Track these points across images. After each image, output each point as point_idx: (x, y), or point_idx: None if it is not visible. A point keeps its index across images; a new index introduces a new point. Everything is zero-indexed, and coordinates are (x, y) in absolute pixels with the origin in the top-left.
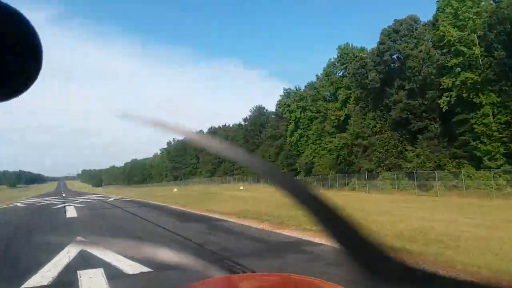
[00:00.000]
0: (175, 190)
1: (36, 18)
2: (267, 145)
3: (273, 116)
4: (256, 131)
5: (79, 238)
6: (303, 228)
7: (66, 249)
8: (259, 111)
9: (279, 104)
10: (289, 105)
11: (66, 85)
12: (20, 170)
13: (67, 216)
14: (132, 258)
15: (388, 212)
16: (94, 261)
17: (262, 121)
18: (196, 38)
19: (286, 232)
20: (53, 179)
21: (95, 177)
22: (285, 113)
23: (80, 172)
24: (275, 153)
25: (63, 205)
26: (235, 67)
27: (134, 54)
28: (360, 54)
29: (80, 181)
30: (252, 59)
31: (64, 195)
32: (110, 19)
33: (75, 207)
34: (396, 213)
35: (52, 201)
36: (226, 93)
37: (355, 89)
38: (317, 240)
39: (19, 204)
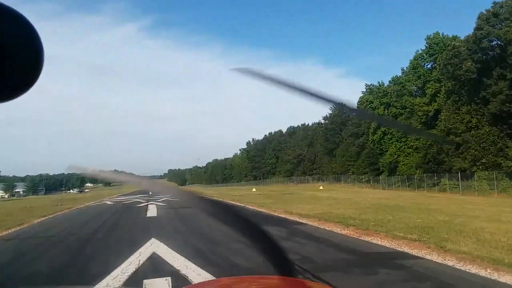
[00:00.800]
0: (254, 190)
1: (128, 29)
2: (347, 144)
3: (354, 113)
4: (336, 129)
5: (153, 240)
6: (393, 235)
7: (138, 252)
8: (340, 109)
9: (361, 101)
10: (371, 102)
11: (156, 91)
12: (114, 169)
13: (147, 215)
14: (202, 267)
15: (495, 218)
16: (163, 267)
17: (343, 119)
18: (276, 39)
19: (375, 240)
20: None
21: (180, 177)
22: (367, 110)
23: (166, 172)
24: (356, 152)
25: (146, 203)
26: (314, 66)
27: (216, 57)
28: (453, 43)
29: (167, 180)
30: (331, 57)
31: (150, 193)
32: (195, 25)
33: (157, 205)
34: (505, 219)
35: (137, 199)
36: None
37: (447, 81)
38: (414, 251)
39: (107, 202)
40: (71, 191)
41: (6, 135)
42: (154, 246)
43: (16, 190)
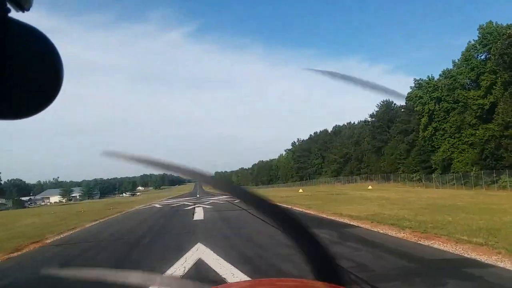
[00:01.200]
0: (300, 190)
1: (173, 35)
2: (396, 141)
3: (402, 110)
4: (384, 127)
5: (199, 245)
6: (456, 239)
7: (184, 257)
8: (387, 106)
9: (410, 97)
10: (421, 97)
11: (200, 95)
12: (163, 173)
13: (194, 218)
14: (250, 275)
15: None
16: (208, 275)
17: (390, 116)
18: (318, 37)
19: (436, 244)
20: (190, 181)
21: (226, 179)
22: (416, 106)
23: (213, 174)
24: (406, 150)
25: (194, 206)
26: (359, 64)
27: (259, 58)
28: (508, 32)
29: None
30: (377, 54)
31: (198, 195)
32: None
33: (204, 208)
34: None
35: (185, 202)
36: (350, 91)
37: (503, 72)
38: (483, 258)
39: (156, 205)
40: (124, 194)
41: (62, 143)
42: (200, 252)
43: (73, 195)
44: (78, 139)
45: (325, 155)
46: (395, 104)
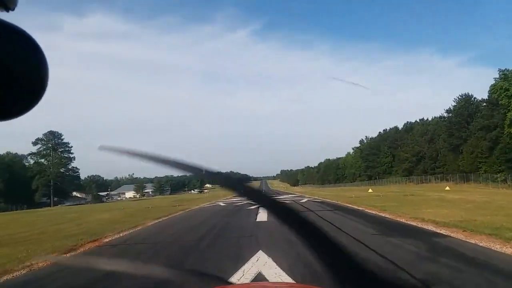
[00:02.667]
0: (370, 190)
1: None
2: (477, 138)
3: (484, 104)
4: (462, 123)
5: (260, 253)
6: None
7: (242, 270)
8: (466, 100)
9: (493, 89)
10: (507, 89)
11: (264, 93)
12: (230, 171)
13: (257, 219)
14: None
15: None
16: None
17: (470, 111)
18: (385, 31)
19: None
20: (256, 179)
21: (292, 177)
22: (501, 99)
23: (279, 172)
24: (488, 148)
25: (258, 205)
26: (430, 56)
27: (324, 55)
28: None
29: (279, 181)
30: (448, 46)
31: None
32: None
33: None
34: None
35: (249, 201)
36: (421, 85)
37: None
38: None
39: (220, 203)
40: (192, 191)
41: (135, 141)
42: (260, 263)
43: (146, 191)
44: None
45: (396, 154)
46: (475, 98)
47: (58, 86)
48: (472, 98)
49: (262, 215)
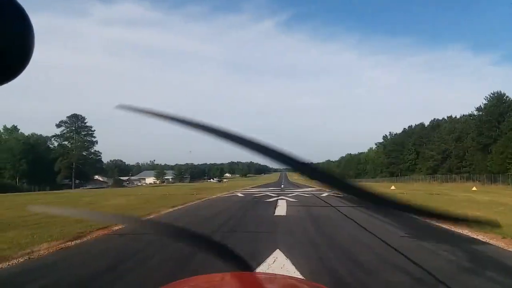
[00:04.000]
0: (392, 187)
1: (265, 25)
2: (508, 139)
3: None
4: (493, 122)
5: (277, 253)
6: None
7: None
8: (498, 99)
9: None
10: None
11: (289, 85)
12: (250, 161)
13: (275, 213)
14: None
15: None
16: None
17: (501, 110)
18: (415, 25)
19: None
20: (276, 171)
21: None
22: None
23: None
24: None
25: (277, 198)
26: (460, 53)
27: (351, 47)
28: None
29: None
30: (480, 43)
31: (282, 186)
32: (329, 16)
33: (287, 201)
34: None
35: (268, 193)
36: (450, 82)
37: None
38: None
39: (238, 194)
40: (211, 180)
41: (160, 129)
42: (278, 264)
43: (166, 177)
44: (173, 125)
45: (420, 151)
46: (507, 97)
47: (86, 72)
48: (505, 97)
49: (281, 209)
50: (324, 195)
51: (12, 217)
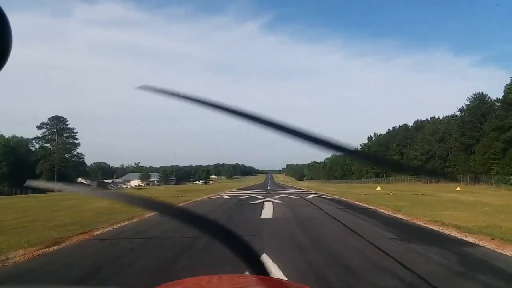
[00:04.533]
0: (378, 188)
1: (249, 26)
2: (490, 139)
3: (499, 104)
4: (475, 122)
5: (264, 257)
6: None
7: None
8: (480, 99)
9: (509, 89)
10: None
11: (274, 86)
12: (236, 163)
13: (262, 216)
14: None
15: None
16: None
17: (483, 111)
18: (400, 27)
19: None
20: (261, 172)
21: (298, 171)
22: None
23: (285, 166)
24: (502, 149)
25: (263, 200)
26: (442, 55)
27: (337, 49)
28: None
29: (285, 175)
30: (461, 45)
31: (268, 188)
32: (314, 18)
33: (273, 203)
34: None
35: (254, 195)
36: (433, 83)
37: None
38: None
39: (224, 196)
40: (197, 182)
41: (143, 130)
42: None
43: (151, 179)
44: (158, 127)
45: (405, 152)
46: (489, 97)
47: (68, 73)
48: (486, 98)
49: (267, 211)
50: (310, 196)
51: None
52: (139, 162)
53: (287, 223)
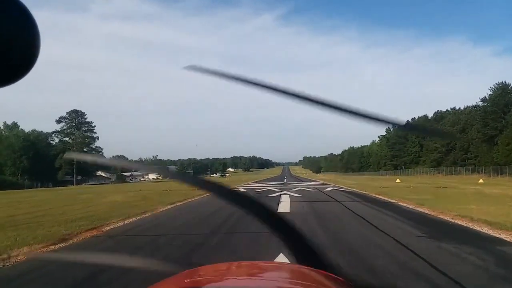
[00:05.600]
0: (398, 180)
1: (264, 19)
2: None
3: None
4: (498, 112)
5: (281, 258)
6: None
7: None
8: (503, 89)
9: None
10: None
11: (288, 78)
12: (253, 155)
13: (278, 210)
14: None
15: None
16: None
17: (506, 100)
18: (417, 17)
19: None
20: (278, 164)
21: (314, 164)
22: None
23: (302, 159)
24: None
25: (279, 193)
26: (461, 45)
27: (351, 40)
28: None
29: (302, 167)
30: (481, 35)
31: (285, 180)
32: (329, 9)
33: (291, 197)
34: None
35: (271, 187)
36: (453, 74)
37: None
38: None
39: (240, 189)
40: (214, 174)
41: (163, 124)
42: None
43: None
44: (174, 120)
45: (424, 143)
46: None
47: (87, 68)
48: (510, 87)
49: (284, 205)
50: (328, 189)
51: (2, 216)
52: (157, 155)
53: (305, 218)
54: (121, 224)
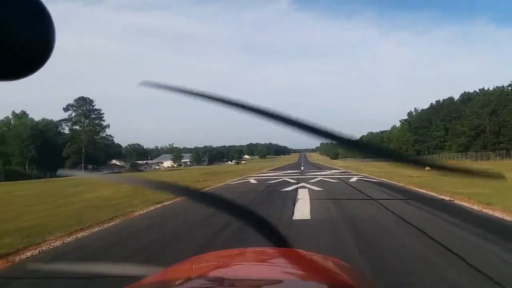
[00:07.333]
0: (427, 168)
1: (281, 3)
2: None
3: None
4: None
5: None
6: None
7: None
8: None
9: None
10: None
11: (305, 64)
12: (269, 142)
13: (295, 216)
14: None
15: None
16: None
17: None
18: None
19: None
20: (295, 151)
21: (332, 150)
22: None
23: (318, 145)
24: None
25: (296, 186)
26: (482, 27)
27: (371, 24)
28: None
29: (319, 153)
30: (503, 16)
31: (302, 168)
32: None
33: (310, 192)
34: None
35: (286, 178)
36: (475, 56)
37: None
38: None
39: (251, 180)
40: (229, 162)
41: (179, 112)
42: None
43: (184, 160)
44: (190, 108)
45: (450, 127)
46: None
47: (102, 57)
48: None
49: (303, 206)
50: (353, 180)
51: None
52: (173, 143)
53: (335, 231)
54: (60, 243)
